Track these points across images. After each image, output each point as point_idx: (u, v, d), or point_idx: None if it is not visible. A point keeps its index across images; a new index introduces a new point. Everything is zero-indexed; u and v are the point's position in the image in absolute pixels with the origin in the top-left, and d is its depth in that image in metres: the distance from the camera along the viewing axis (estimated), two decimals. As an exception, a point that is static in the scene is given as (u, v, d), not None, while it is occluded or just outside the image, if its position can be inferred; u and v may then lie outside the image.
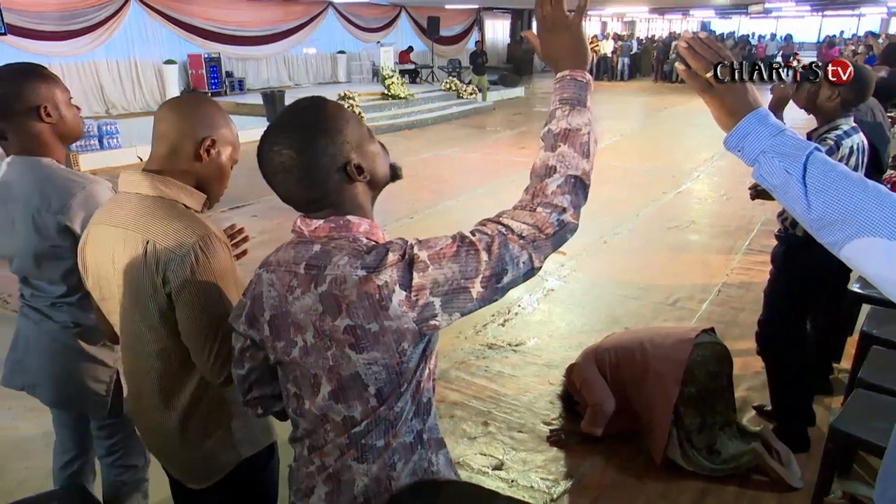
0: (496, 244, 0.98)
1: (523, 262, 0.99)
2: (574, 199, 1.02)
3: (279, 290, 1.08)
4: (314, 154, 1.03)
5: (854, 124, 2.44)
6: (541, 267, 1.01)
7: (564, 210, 1.01)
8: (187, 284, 1.26)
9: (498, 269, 0.97)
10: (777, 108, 2.45)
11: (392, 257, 0.98)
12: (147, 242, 1.27)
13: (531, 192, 1.04)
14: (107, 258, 1.35)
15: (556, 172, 1.02)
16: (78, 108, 1.78)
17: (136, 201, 1.32)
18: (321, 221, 1.06)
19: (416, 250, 0.99)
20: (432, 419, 1.14)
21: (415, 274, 0.97)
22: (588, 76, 1.09)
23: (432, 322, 0.99)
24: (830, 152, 2.35)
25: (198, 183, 1.38)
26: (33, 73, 1.68)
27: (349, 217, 1.06)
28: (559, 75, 1.10)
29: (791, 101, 2.53)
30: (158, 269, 1.26)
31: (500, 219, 1.02)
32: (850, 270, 2.95)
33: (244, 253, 1.73)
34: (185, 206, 1.35)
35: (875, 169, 2.82)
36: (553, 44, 1.10)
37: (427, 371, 1.09)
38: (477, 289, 0.97)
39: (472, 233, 1.01)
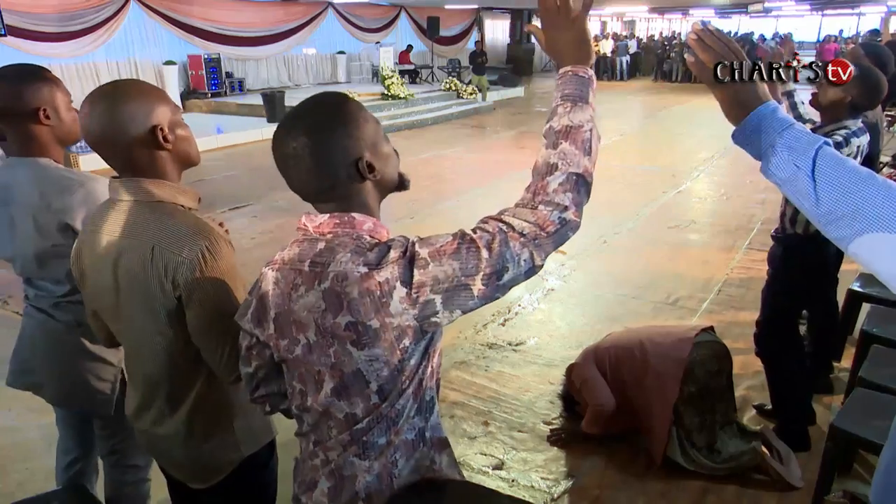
0: (497, 242, 0.97)
1: (524, 260, 0.98)
2: (576, 198, 1.01)
3: (283, 289, 1.08)
4: (329, 144, 1.03)
5: (861, 125, 2.43)
6: (542, 265, 1.01)
7: (566, 208, 1.00)
8: (198, 286, 1.26)
9: (498, 266, 0.97)
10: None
11: (394, 254, 0.99)
12: (153, 248, 1.26)
13: (532, 190, 1.03)
14: (107, 266, 1.34)
15: (558, 170, 1.01)
16: (77, 111, 1.78)
17: (134, 208, 1.31)
18: (326, 217, 1.06)
19: (417, 248, 0.99)
20: (435, 418, 1.14)
21: (416, 271, 0.97)
22: (591, 72, 1.08)
23: (433, 319, 0.99)
24: (839, 147, 2.35)
25: (177, 162, 1.36)
26: (35, 76, 1.69)
27: (354, 214, 1.06)
28: (561, 71, 1.08)
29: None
30: (167, 274, 1.26)
31: (502, 217, 1.02)
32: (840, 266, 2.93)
33: None
34: (182, 206, 1.34)
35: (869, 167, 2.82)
36: (557, 38, 1.09)
37: (430, 369, 1.09)
38: (478, 286, 0.97)
39: (474, 230, 1.00)
